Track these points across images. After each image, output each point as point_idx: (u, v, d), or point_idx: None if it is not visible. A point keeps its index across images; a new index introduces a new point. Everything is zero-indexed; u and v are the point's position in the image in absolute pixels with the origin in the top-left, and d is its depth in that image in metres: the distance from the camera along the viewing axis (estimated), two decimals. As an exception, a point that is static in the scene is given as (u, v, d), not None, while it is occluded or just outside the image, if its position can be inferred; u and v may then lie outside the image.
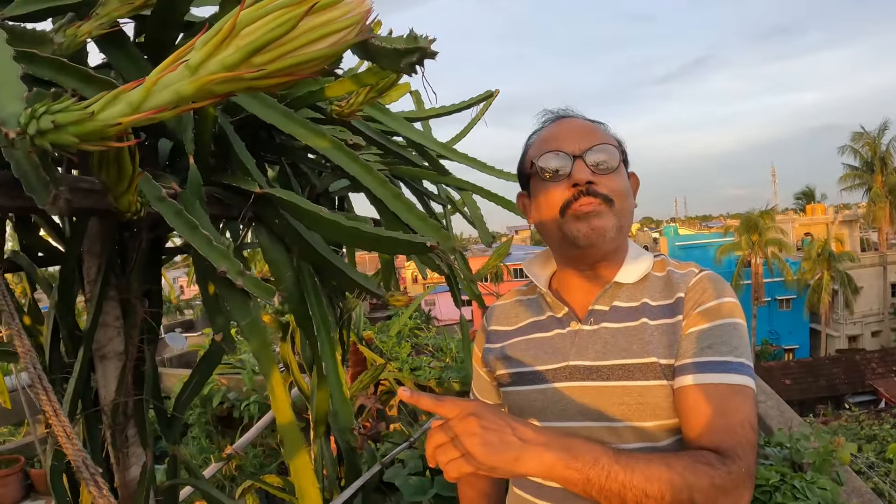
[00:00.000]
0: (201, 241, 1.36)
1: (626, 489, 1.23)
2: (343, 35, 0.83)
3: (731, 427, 1.36)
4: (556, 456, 1.22)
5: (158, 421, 2.29)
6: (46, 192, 1.12)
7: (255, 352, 1.56)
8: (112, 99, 0.83)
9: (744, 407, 1.39)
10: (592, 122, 1.68)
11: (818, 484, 3.39)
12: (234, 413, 6.55)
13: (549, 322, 1.68)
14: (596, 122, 1.68)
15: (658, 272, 1.63)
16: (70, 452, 0.83)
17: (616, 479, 1.23)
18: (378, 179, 1.71)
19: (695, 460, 1.29)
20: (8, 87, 0.91)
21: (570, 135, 1.60)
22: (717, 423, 1.37)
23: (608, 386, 1.51)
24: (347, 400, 1.84)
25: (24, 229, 2.38)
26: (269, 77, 0.81)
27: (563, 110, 1.73)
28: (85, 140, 0.83)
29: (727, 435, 1.35)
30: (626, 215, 1.58)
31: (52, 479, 2.16)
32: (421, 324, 8.44)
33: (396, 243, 1.47)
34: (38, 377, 0.92)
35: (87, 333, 1.95)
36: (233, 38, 0.79)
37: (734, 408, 1.39)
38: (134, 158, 1.15)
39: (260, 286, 1.38)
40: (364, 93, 1.85)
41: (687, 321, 1.50)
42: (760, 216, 40.65)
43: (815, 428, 4.18)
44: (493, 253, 3.47)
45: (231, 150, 1.71)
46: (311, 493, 1.57)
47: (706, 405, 1.39)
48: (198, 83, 0.80)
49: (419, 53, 1.02)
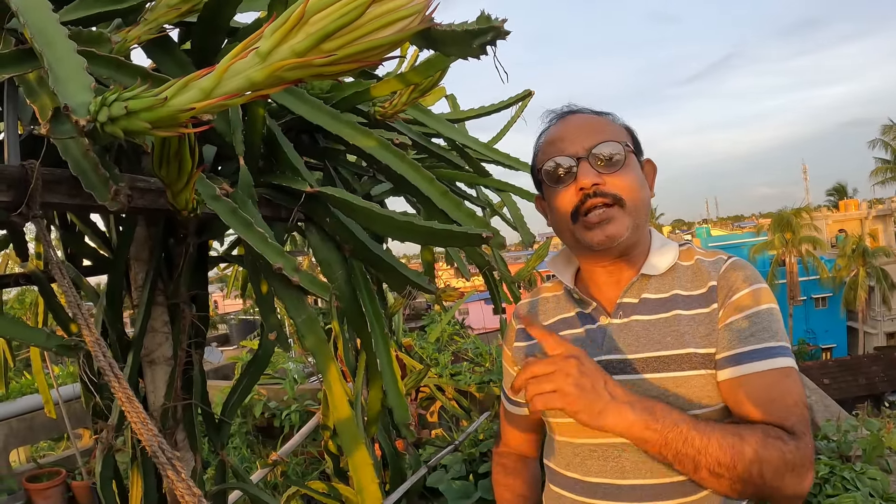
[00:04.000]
0: (257, 238, 1.37)
1: (700, 455, 1.30)
2: (408, 22, 0.83)
3: (788, 407, 1.40)
4: (638, 417, 1.31)
5: (206, 426, 2.31)
6: (107, 188, 1.13)
7: (311, 348, 1.56)
8: (183, 86, 0.84)
9: (795, 388, 1.43)
10: (598, 114, 1.65)
11: (868, 474, 3.35)
12: (274, 422, 6.56)
13: (578, 318, 1.66)
14: (601, 114, 1.65)
15: (685, 261, 1.61)
16: (145, 438, 0.82)
17: (693, 444, 1.30)
18: (426, 177, 1.71)
19: (766, 434, 1.33)
20: (76, 78, 0.92)
21: (573, 135, 1.57)
22: (774, 407, 1.40)
23: (644, 378, 1.49)
24: (403, 395, 1.84)
25: (69, 237, 2.41)
26: (338, 63, 0.80)
27: (567, 106, 1.70)
28: (157, 126, 0.84)
29: (787, 414, 1.39)
30: (641, 210, 1.55)
31: (103, 486, 2.17)
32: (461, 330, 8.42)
33: (452, 235, 1.46)
34: (108, 365, 0.92)
35: (135, 339, 1.97)
36: (302, 26, 0.79)
37: (787, 390, 1.42)
38: (194, 154, 1.15)
39: (316, 282, 1.38)
40: (408, 93, 1.85)
41: (724, 311, 1.49)
42: (793, 214, 40.23)
43: (861, 419, 4.13)
44: (534, 254, 3.48)
45: (280, 151, 1.72)
46: (371, 489, 1.56)
47: (760, 392, 1.42)
48: (269, 70, 0.80)
49: (493, 33, 1.02)
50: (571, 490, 1.59)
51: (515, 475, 1.88)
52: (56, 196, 1.27)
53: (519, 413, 1.85)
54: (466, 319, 13.94)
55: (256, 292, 1.75)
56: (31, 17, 1.04)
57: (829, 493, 3.25)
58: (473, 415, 5.53)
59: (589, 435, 1.53)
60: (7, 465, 6.58)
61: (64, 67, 0.93)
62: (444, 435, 5.01)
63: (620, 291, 1.60)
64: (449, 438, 4.64)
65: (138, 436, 0.84)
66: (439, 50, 1.08)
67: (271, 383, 7.13)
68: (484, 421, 4.66)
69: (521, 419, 1.86)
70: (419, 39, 1.05)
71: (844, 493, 3.20)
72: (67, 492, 6.53)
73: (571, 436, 1.60)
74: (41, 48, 0.97)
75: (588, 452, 1.56)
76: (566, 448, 1.62)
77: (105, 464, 2.14)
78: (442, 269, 20.48)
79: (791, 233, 39.46)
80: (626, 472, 1.50)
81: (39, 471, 6.54)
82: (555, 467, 1.66)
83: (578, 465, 1.58)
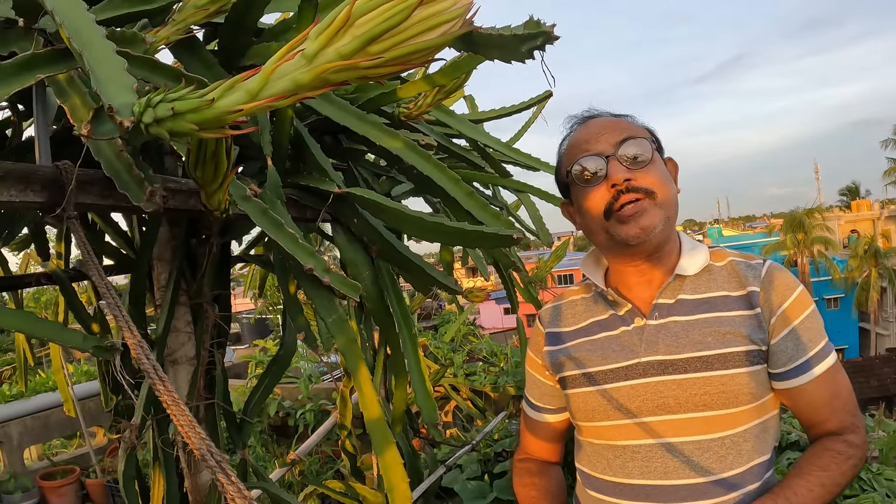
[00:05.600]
0: (287, 238, 1.37)
1: None
2: (451, 25, 0.83)
3: (845, 402, 1.56)
4: None
5: (227, 425, 2.31)
6: (142, 189, 1.13)
7: (341, 348, 1.56)
8: (230, 87, 0.84)
9: (844, 378, 1.58)
10: (618, 116, 1.67)
11: (885, 475, 3.34)
12: (289, 421, 6.58)
13: (613, 320, 1.65)
14: (622, 116, 1.67)
15: (718, 262, 1.63)
16: (194, 442, 0.82)
17: None
18: (452, 178, 1.70)
19: (834, 461, 1.50)
20: (117, 79, 0.92)
21: (598, 135, 1.58)
22: (836, 405, 1.55)
23: (688, 378, 1.50)
24: (431, 395, 1.84)
25: (91, 237, 2.42)
26: (384, 66, 0.81)
27: (587, 110, 1.71)
28: (203, 128, 0.84)
29: (845, 412, 1.56)
30: (671, 204, 1.56)
31: (126, 485, 2.18)
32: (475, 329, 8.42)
33: (482, 236, 1.46)
34: (152, 367, 0.92)
35: (159, 339, 1.97)
36: (348, 28, 0.80)
37: (841, 384, 1.57)
38: (230, 155, 1.15)
39: (346, 283, 1.38)
40: (433, 94, 1.85)
41: (777, 321, 1.54)
42: (805, 214, 40.10)
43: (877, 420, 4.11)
44: (552, 254, 3.48)
45: (307, 152, 1.72)
46: (402, 488, 1.56)
47: (824, 393, 1.55)
48: (315, 71, 0.80)
49: (543, 38, 1.02)
50: (610, 493, 1.60)
51: (541, 475, 1.87)
52: (89, 197, 1.27)
53: (542, 420, 1.84)
54: (478, 319, 13.93)
55: (284, 293, 1.76)
56: (68, 16, 1.04)
57: (847, 493, 3.24)
58: (489, 415, 5.53)
59: (631, 437, 1.55)
60: (21, 463, 6.60)
61: (104, 68, 0.93)
62: (459, 434, 5.00)
63: (653, 292, 1.61)
64: (464, 438, 4.64)
65: (185, 439, 0.84)
66: (480, 53, 1.08)
67: (286, 382, 7.15)
68: (500, 420, 4.65)
69: (543, 426, 1.85)
70: (460, 42, 1.05)
71: (862, 494, 3.19)
72: (81, 489, 6.56)
73: (611, 438, 1.60)
74: (80, 48, 0.97)
75: (630, 454, 1.56)
76: (604, 451, 1.61)
77: (128, 463, 2.15)
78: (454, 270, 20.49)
79: (803, 233, 39.36)
80: (669, 473, 1.51)
81: (53, 468, 6.58)
82: (589, 471, 1.66)
83: (619, 467, 1.58)
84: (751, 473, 1.51)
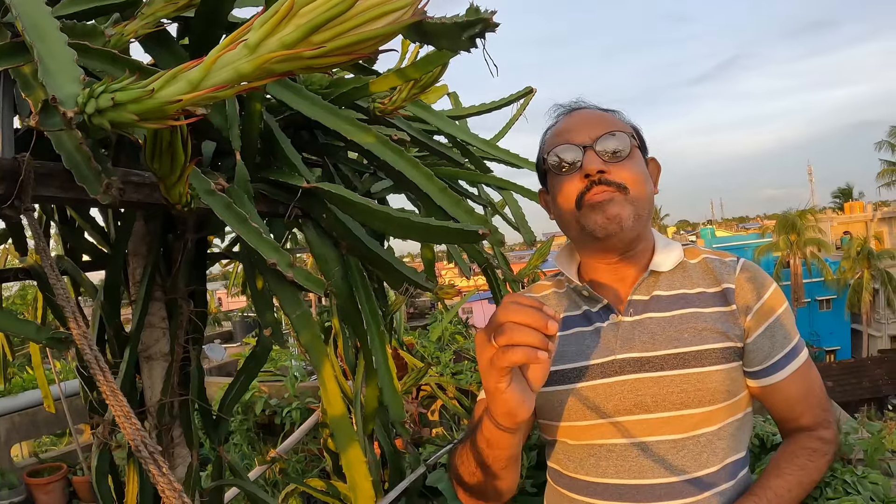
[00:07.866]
0: (251, 233, 1.36)
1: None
2: (399, 15, 0.82)
3: (818, 396, 1.62)
4: None
5: (204, 422, 2.29)
6: (98, 182, 1.13)
7: (305, 344, 1.55)
8: (171, 77, 0.83)
9: (816, 374, 1.63)
10: (605, 110, 1.66)
11: (869, 478, 3.33)
12: (275, 419, 6.57)
13: (587, 316, 1.63)
14: (609, 111, 1.66)
15: (691, 259, 1.64)
16: (129, 432, 0.82)
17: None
18: (425, 174, 1.70)
19: (809, 460, 1.57)
20: (65, 70, 0.91)
21: (580, 126, 1.58)
22: (811, 401, 1.61)
23: (664, 376, 1.49)
24: (398, 393, 1.83)
25: (69, 232, 2.40)
26: (328, 56, 0.80)
27: (575, 102, 1.71)
28: (144, 118, 0.83)
29: (819, 408, 1.62)
30: (644, 202, 1.54)
31: (98, 481, 2.16)
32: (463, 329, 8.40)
33: (448, 232, 1.45)
34: (94, 358, 0.91)
35: (132, 334, 1.96)
36: (291, 17, 0.79)
37: (814, 379, 1.62)
38: (186, 147, 1.15)
39: (311, 278, 1.37)
40: (407, 88, 1.84)
41: (753, 319, 1.55)
42: (798, 215, 40.19)
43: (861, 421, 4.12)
44: (535, 252, 3.47)
45: (277, 147, 1.71)
46: (364, 487, 1.55)
47: (799, 390, 1.59)
48: (257, 62, 0.80)
49: (482, 25, 1.01)
50: (583, 492, 1.57)
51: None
52: (49, 189, 1.26)
53: None
54: (470, 319, 13.92)
55: (252, 288, 1.74)
56: (24, 9, 1.03)
57: (830, 496, 3.23)
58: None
59: (606, 436, 1.53)
60: (9, 460, 6.60)
61: (54, 60, 0.93)
62: (444, 434, 4.99)
63: (627, 289, 1.61)
64: (450, 437, 4.63)
65: (121, 429, 0.83)
66: (432, 44, 1.07)
67: (272, 380, 7.15)
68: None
69: None
70: (412, 33, 1.05)
71: (845, 497, 3.18)
72: (68, 487, 6.55)
73: (586, 438, 1.57)
74: (32, 41, 0.96)
75: (605, 453, 1.54)
76: (577, 450, 1.59)
77: (101, 458, 2.13)
78: (446, 269, 20.43)
79: (796, 234, 39.44)
80: (644, 472, 1.50)
81: (41, 466, 6.57)
82: (561, 470, 1.64)
83: (592, 466, 1.56)
84: (725, 472, 1.51)
